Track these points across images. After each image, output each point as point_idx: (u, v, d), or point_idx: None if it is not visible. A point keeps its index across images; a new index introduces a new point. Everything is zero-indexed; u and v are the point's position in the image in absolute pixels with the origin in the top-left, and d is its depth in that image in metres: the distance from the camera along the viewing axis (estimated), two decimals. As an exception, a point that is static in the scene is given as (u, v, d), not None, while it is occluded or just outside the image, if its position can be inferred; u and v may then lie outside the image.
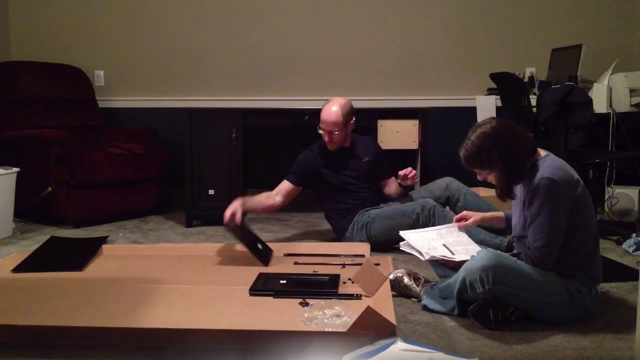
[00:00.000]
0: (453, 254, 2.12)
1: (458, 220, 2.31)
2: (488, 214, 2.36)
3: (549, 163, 1.97)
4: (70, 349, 1.73)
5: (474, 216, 2.31)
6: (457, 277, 1.95)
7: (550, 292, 1.90)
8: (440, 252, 2.12)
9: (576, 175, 1.99)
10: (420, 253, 2.13)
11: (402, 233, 2.26)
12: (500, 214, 2.35)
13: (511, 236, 2.28)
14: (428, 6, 4.33)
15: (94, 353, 1.70)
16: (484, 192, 3.40)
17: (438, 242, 2.20)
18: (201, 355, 1.69)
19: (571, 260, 1.95)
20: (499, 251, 1.96)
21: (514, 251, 2.08)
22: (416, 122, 3.61)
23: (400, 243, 2.26)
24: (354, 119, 3.05)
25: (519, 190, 2.03)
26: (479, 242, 2.30)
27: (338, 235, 3.09)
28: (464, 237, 2.26)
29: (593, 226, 2.00)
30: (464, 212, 2.35)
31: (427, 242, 2.18)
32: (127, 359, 1.66)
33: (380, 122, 3.59)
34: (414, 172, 2.97)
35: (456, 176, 4.10)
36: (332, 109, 2.96)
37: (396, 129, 3.60)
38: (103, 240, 2.99)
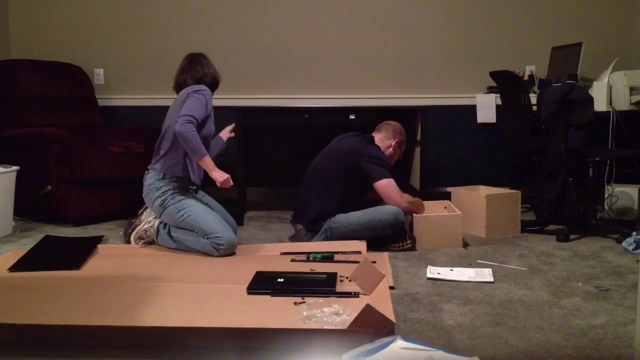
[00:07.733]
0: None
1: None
2: None
3: None
4: (68, 347, 1.72)
5: None
6: None
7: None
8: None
9: None
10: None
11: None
12: None
13: None
14: (428, 5, 4.32)
15: (92, 352, 1.70)
16: (484, 190, 3.39)
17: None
18: (200, 353, 1.69)
19: None
20: None
21: None
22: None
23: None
24: None
25: None
26: None
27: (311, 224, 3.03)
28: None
29: None
30: None
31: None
32: (125, 358, 1.66)
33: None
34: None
35: (456, 175, 4.11)
36: None
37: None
38: (99, 239, 2.99)
